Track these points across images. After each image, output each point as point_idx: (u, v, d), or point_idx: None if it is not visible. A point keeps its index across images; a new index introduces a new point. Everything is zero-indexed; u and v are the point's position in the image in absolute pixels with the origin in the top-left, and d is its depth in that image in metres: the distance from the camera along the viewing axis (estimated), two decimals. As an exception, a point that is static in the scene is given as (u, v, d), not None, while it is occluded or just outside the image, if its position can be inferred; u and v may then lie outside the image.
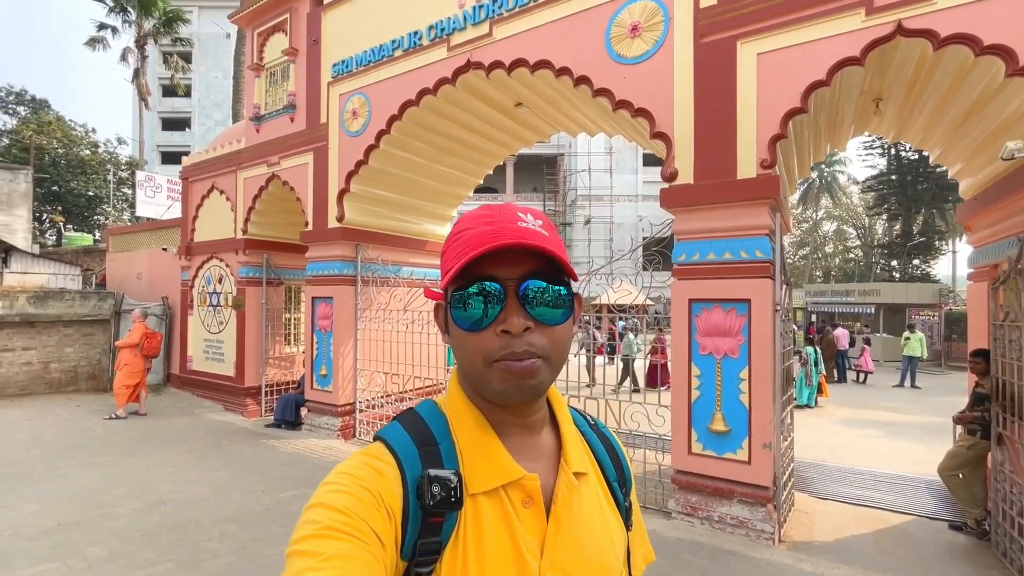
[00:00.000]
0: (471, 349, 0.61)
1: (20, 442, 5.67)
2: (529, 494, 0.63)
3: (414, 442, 0.62)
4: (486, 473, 0.62)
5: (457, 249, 0.61)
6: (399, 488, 0.58)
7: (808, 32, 3.68)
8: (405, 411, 0.69)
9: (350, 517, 0.54)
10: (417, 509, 0.58)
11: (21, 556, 3.08)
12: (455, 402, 0.67)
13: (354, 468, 0.59)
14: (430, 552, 0.58)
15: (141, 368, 7.44)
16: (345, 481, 0.57)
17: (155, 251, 10.25)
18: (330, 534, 0.52)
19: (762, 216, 3.88)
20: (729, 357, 4.00)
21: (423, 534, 0.58)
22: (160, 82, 31.94)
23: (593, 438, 0.76)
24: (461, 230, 0.63)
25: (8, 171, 13.00)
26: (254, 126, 7.75)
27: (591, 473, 0.71)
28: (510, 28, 5.11)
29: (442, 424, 0.65)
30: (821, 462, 5.95)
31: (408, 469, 0.60)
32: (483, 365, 0.61)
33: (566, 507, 0.64)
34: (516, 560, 0.60)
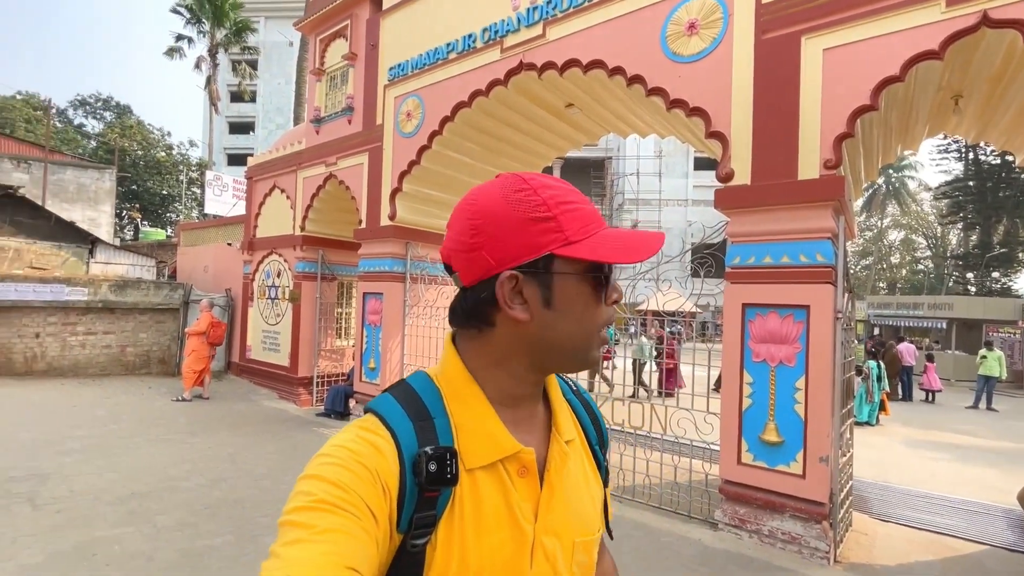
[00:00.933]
0: (597, 319, 0.65)
1: (100, 418, 6.18)
2: (524, 464, 0.65)
3: (409, 417, 0.62)
4: (484, 448, 0.63)
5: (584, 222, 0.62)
6: (396, 465, 0.58)
7: (881, 25, 3.49)
8: (397, 383, 0.68)
9: (345, 491, 0.53)
10: (414, 486, 0.58)
11: (101, 519, 3.37)
12: (452, 376, 0.66)
13: (350, 442, 0.58)
14: (425, 524, 0.58)
15: (206, 355, 7.92)
16: (342, 455, 0.57)
17: (220, 246, 10.90)
18: (324, 507, 0.52)
19: (824, 219, 3.71)
20: (784, 365, 3.84)
21: (419, 508, 0.58)
22: (228, 88, 33.93)
23: (576, 403, 0.79)
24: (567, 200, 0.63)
25: (96, 170, 14.22)
26: (314, 128, 8.12)
27: (576, 439, 0.74)
28: (563, 29, 5.12)
29: (436, 398, 0.65)
30: (883, 483, 5.59)
31: (405, 446, 0.59)
32: (596, 332, 0.65)
33: (558, 474, 0.67)
34: (512, 526, 0.62)
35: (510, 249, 0.61)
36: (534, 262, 0.61)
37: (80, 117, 32.56)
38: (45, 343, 8.41)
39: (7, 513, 3.35)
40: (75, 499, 3.65)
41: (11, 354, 8.22)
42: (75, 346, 8.72)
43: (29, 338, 8.33)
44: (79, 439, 5.20)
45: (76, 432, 5.45)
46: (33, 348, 8.36)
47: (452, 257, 0.65)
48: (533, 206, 0.61)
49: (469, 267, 0.62)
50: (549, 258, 0.61)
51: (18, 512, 3.38)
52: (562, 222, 0.61)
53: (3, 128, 22.05)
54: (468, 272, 0.63)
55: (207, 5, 21.56)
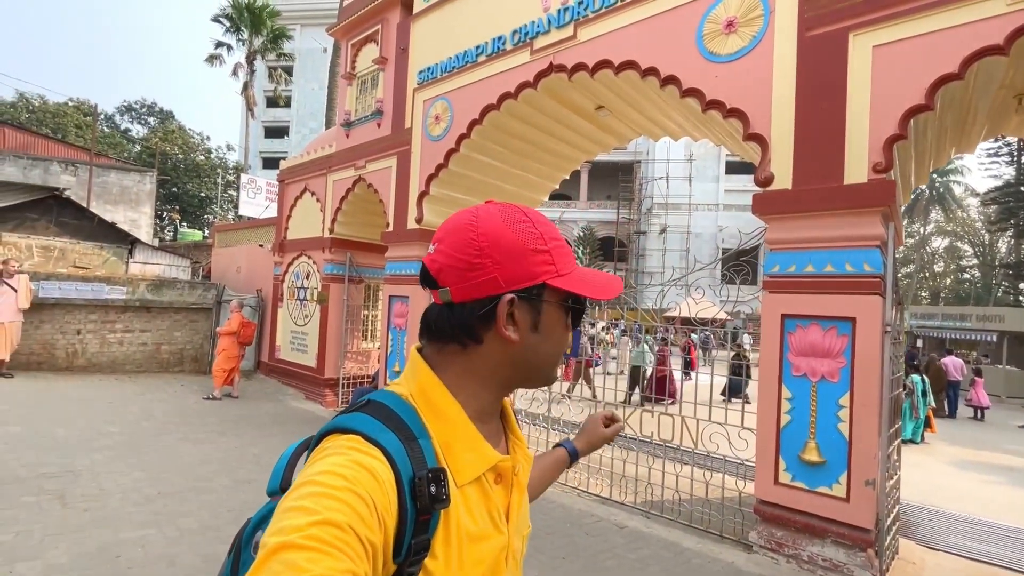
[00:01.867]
0: (566, 343, 0.73)
1: (133, 414, 6.33)
2: (500, 472, 0.69)
3: (398, 438, 0.59)
4: (472, 463, 0.65)
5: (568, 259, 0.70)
6: (393, 491, 0.55)
7: (938, 20, 3.26)
8: (367, 403, 0.64)
9: (342, 531, 0.49)
10: (413, 511, 0.56)
11: (126, 519, 3.40)
12: (430, 393, 0.66)
13: (345, 468, 0.54)
14: (420, 549, 0.58)
15: (237, 354, 8.06)
16: (336, 484, 0.52)
17: (253, 247, 11.14)
18: (319, 547, 0.47)
19: (873, 226, 3.48)
20: (827, 380, 3.62)
21: (415, 533, 0.57)
22: (264, 94, 34.94)
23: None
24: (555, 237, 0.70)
25: (138, 173, 14.76)
26: (344, 131, 8.20)
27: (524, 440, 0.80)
28: (595, 29, 5.01)
29: (415, 418, 0.64)
30: (931, 507, 5.25)
31: (402, 469, 0.57)
32: (560, 357, 0.74)
33: (525, 478, 0.75)
34: (495, 532, 0.66)
35: (513, 274, 0.65)
36: (528, 288, 0.66)
37: (126, 122, 34.04)
38: (85, 340, 8.71)
39: (38, 510, 3.42)
40: (103, 498, 3.70)
41: (54, 350, 8.54)
42: (113, 343, 9.01)
43: (71, 334, 8.64)
44: (111, 436, 5.32)
45: (109, 428, 5.59)
46: (74, 344, 8.67)
47: (444, 272, 0.66)
48: (534, 237, 0.67)
49: (466, 285, 0.65)
50: (542, 287, 0.67)
51: (48, 510, 3.44)
52: (555, 256, 0.68)
53: (56, 132, 23.18)
54: (463, 289, 0.65)
55: (246, 14, 22.23)
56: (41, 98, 27.79)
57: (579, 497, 4.71)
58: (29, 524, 3.19)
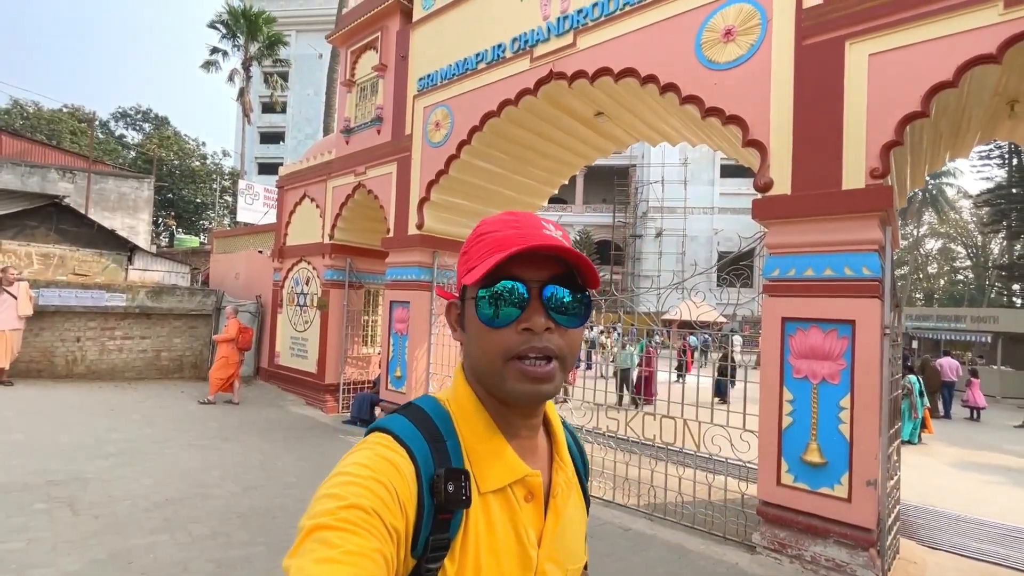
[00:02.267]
0: (492, 345, 0.64)
1: (135, 421, 6.33)
2: (531, 490, 0.67)
3: (424, 437, 0.63)
4: (496, 472, 0.64)
5: (484, 249, 0.64)
6: (414, 485, 0.58)
7: (932, 29, 3.34)
8: (406, 405, 0.69)
9: (368, 514, 0.53)
10: (431, 506, 0.59)
11: (137, 526, 3.41)
12: (463, 400, 0.68)
13: (370, 460, 0.58)
14: (439, 548, 0.59)
15: (236, 360, 8.06)
16: (363, 474, 0.56)
17: (252, 253, 11.14)
18: (350, 528, 0.52)
19: (871, 230, 3.55)
20: (828, 383, 3.67)
21: (434, 530, 0.59)
22: (260, 99, 34.91)
23: (566, 434, 0.80)
24: (486, 232, 0.66)
25: (136, 180, 14.74)
26: (344, 138, 8.24)
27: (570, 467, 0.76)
28: (594, 37, 5.08)
29: (447, 421, 0.66)
30: (931, 507, 5.31)
31: (422, 465, 0.60)
32: (501, 362, 0.63)
33: (564, 502, 0.70)
34: (520, 552, 0.63)
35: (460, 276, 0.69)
36: (463, 287, 0.68)
37: (121, 128, 33.95)
38: (85, 347, 8.69)
39: (49, 518, 3.43)
40: (112, 505, 3.71)
41: (53, 357, 8.52)
42: (113, 350, 8.99)
43: (70, 342, 8.62)
44: (116, 443, 5.32)
45: (113, 436, 5.58)
46: (74, 351, 8.65)
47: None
48: (467, 242, 0.68)
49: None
50: (464, 288, 0.68)
51: (59, 517, 3.45)
52: (471, 253, 0.66)
53: (51, 139, 23.11)
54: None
55: (242, 20, 22.27)
56: (36, 105, 27.71)
57: (583, 500, 4.74)
58: (40, 531, 3.20)
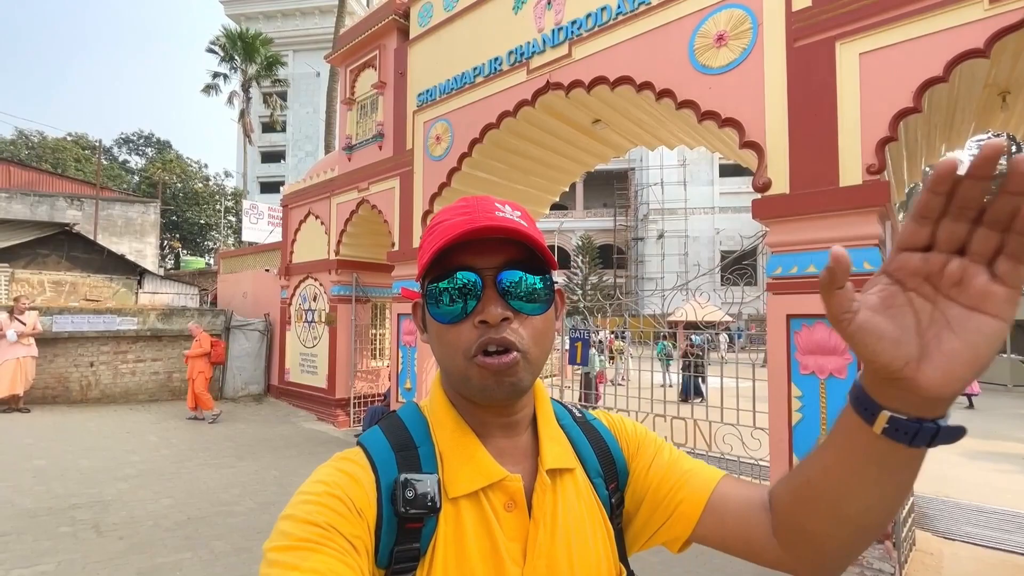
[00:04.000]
0: (449, 343, 0.60)
1: (152, 443, 6.40)
2: (511, 496, 0.61)
3: (391, 446, 0.61)
4: (466, 476, 0.60)
5: (432, 241, 0.60)
6: (373, 493, 0.57)
7: (920, 27, 3.41)
8: (387, 415, 0.68)
9: (324, 529, 0.52)
10: (392, 515, 0.56)
11: (161, 544, 3.48)
12: (435, 405, 0.66)
13: (327, 475, 0.58)
14: (408, 559, 0.56)
15: (210, 375, 8.10)
16: (318, 490, 0.56)
17: (258, 272, 11.26)
18: (305, 546, 0.51)
19: (870, 225, 3.61)
20: (835, 377, 3.71)
21: (399, 540, 0.56)
22: (260, 120, 35.34)
23: (576, 432, 0.72)
24: (438, 222, 0.62)
25: (142, 205, 14.96)
26: (346, 155, 8.37)
27: (577, 469, 0.67)
28: (589, 47, 5.18)
29: (422, 428, 0.64)
30: (944, 497, 5.30)
31: (383, 474, 0.58)
32: (462, 360, 0.59)
33: (542, 507, 0.62)
34: (496, 566, 0.58)
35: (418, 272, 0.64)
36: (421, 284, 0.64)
37: (124, 154, 34.40)
38: (99, 371, 8.79)
39: (75, 540, 3.50)
40: (135, 525, 3.78)
41: (68, 382, 8.62)
42: (126, 373, 9.09)
43: (84, 367, 8.73)
44: (134, 464, 5.40)
45: (131, 458, 5.66)
46: (88, 376, 8.75)
47: None
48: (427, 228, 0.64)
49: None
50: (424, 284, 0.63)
51: (85, 539, 3.52)
52: (424, 245, 0.63)
53: (56, 167, 23.44)
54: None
55: (238, 43, 22.61)
56: (40, 134, 28.15)
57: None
58: (69, 554, 3.27)
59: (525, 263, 0.60)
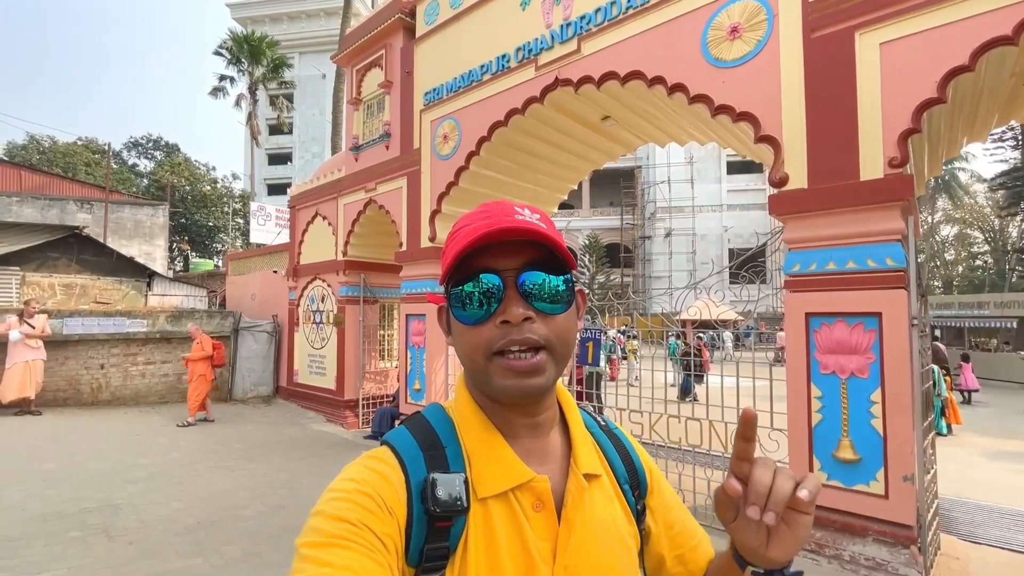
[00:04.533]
0: (471, 343, 0.62)
1: (162, 445, 6.40)
2: (539, 497, 0.62)
3: (419, 446, 0.62)
4: (495, 476, 0.61)
5: (455, 245, 0.62)
6: (403, 492, 0.58)
7: (944, 14, 3.30)
8: (412, 415, 0.68)
9: (355, 526, 0.53)
10: (422, 513, 0.57)
11: (171, 549, 3.44)
12: (461, 405, 0.66)
13: (358, 473, 0.59)
14: (437, 558, 0.57)
15: (211, 378, 8.03)
16: (348, 488, 0.57)
17: (266, 273, 11.26)
18: (337, 542, 0.52)
19: (893, 220, 3.50)
20: (856, 377, 3.61)
21: (429, 539, 0.57)
22: (267, 122, 35.50)
23: (604, 440, 0.75)
24: (459, 227, 0.63)
25: (151, 207, 15.03)
26: (353, 155, 8.34)
27: (604, 476, 0.70)
28: (598, 43, 5.10)
29: (448, 428, 0.65)
30: (967, 499, 5.18)
31: (412, 473, 0.59)
32: (484, 359, 0.61)
33: (577, 510, 0.63)
34: (527, 565, 0.59)
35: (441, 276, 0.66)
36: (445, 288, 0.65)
37: (133, 157, 34.66)
38: (109, 373, 8.82)
39: (85, 545, 3.47)
40: (146, 529, 3.75)
41: (79, 385, 8.66)
42: (136, 376, 9.12)
43: (95, 369, 8.76)
44: (144, 468, 5.38)
45: (141, 460, 5.64)
46: (98, 379, 8.78)
47: None
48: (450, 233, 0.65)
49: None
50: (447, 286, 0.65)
51: (95, 544, 3.49)
52: (447, 250, 0.64)
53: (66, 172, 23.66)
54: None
55: (245, 46, 22.70)
56: (51, 139, 28.41)
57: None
58: (79, 559, 3.24)
59: (546, 264, 0.62)
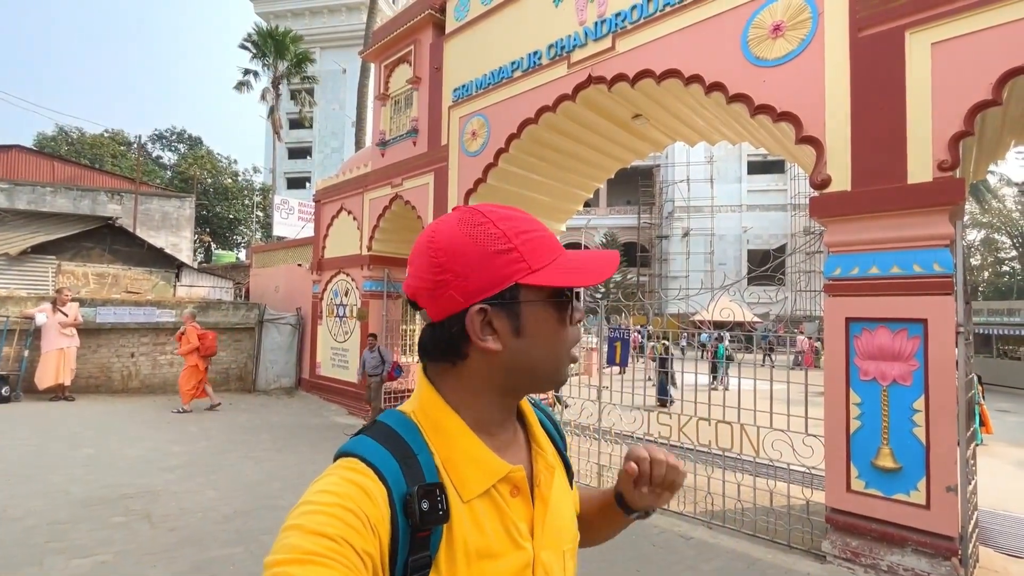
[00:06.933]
0: (566, 342, 0.67)
1: (192, 434, 6.53)
2: (516, 484, 0.66)
3: (394, 456, 0.59)
4: (476, 476, 0.63)
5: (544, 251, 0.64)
6: (386, 507, 0.56)
7: (1000, 14, 3.21)
8: (371, 424, 0.66)
9: (336, 542, 0.50)
10: (406, 527, 0.56)
11: (211, 538, 3.51)
12: (430, 409, 0.65)
13: (336, 486, 0.55)
14: (420, 567, 0.57)
15: (204, 368, 8.06)
16: (328, 501, 0.54)
17: (291, 266, 11.41)
18: (316, 559, 0.48)
19: (941, 224, 3.42)
20: (899, 384, 3.54)
21: (412, 550, 0.57)
22: (288, 116, 35.86)
23: (538, 414, 0.79)
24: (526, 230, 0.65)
25: (178, 199, 15.31)
26: (379, 151, 8.39)
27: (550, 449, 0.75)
28: (634, 40, 5.05)
29: (416, 435, 0.63)
30: (1006, 512, 5.05)
31: (393, 485, 0.57)
32: (566, 355, 0.67)
33: (548, 489, 0.69)
34: (512, 547, 0.63)
35: (476, 283, 0.62)
36: (501, 293, 0.62)
37: (157, 150, 35.29)
38: (139, 362, 9.02)
39: (129, 530, 3.55)
40: (185, 517, 3.83)
41: (110, 372, 8.87)
42: (164, 364, 9.31)
43: (125, 357, 8.97)
44: (178, 456, 5.50)
45: (174, 448, 5.77)
46: (128, 367, 8.99)
47: (418, 295, 0.65)
48: (494, 239, 0.63)
49: (436, 304, 0.63)
50: (515, 288, 0.63)
51: (138, 530, 3.57)
52: (523, 252, 0.63)
53: (94, 163, 24.20)
54: (436, 309, 0.64)
55: (270, 40, 22.94)
56: (79, 131, 29.06)
57: (639, 508, 4.67)
58: (125, 544, 3.32)
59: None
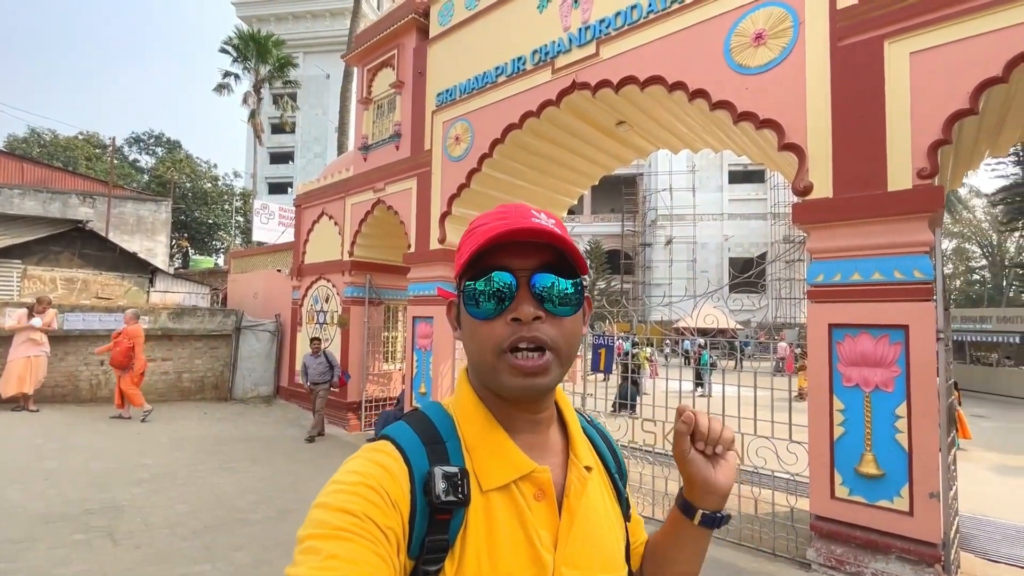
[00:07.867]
0: (482, 338, 0.63)
1: (164, 444, 6.28)
2: (541, 487, 0.64)
3: (421, 440, 0.62)
4: (498, 469, 0.62)
5: (471, 242, 0.63)
6: (407, 484, 0.58)
7: (977, 24, 3.27)
8: (411, 411, 0.69)
9: (358, 518, 0.53)
10: (424, 506, 0.58)
11: (179, 555, 3.34)
12: (463, 401, 0.67)
13: (361, 465, 0.59)
14: (437, 550, 0.58)
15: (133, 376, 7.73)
16: (352, 480, 0.57)
17: (270, 272, 11.16)
18: (340, 535, 0.52)
19: (921, 231, 3.45)
20: (881, 390, 3.55)
21: (430, 532, 0.58)
22: (270, 121, 35.40)
23: (593, 433, 0.78)
24: (476, 226, 0.65)
25: (153, 203, 14.92)
26: (361, 155, 8.27)
27: (596, 468, 0.73)
28: (618, 47, 5.05)
29: (448, 423, 0.66)
30: (983, 516, 5.11)
31: (415, 465, 0.60)
32: (493, 355, 0.62)
33: (578, 499, 0.66)
34: (530, 554, 0.60)
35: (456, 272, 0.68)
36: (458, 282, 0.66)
37: (134, 153, 34.53)
38: (109, 370, 8.67)
39: (90, 548, 3.36)
40: (151, 533, 3.64)
41: (78, 381, 8.53)
42: (136, 373, 8.97)
43: (94, 366, 8.63)
44: (147, 468, 5.27)
45: (144, 460, 5.53)
46: (98, 375, 8.66)
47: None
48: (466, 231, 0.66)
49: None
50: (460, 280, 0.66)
51: (100, 547, 3.38)
52: (461, 248, 0.66)
53: (67, 166, 23.53)
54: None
55: (251, 44, 22.66)
56: (52, 132, 28.28)
57: (623, 517, 4.61)
58: (84, 564, 3.13)
59: (557, 267, 0.63)
